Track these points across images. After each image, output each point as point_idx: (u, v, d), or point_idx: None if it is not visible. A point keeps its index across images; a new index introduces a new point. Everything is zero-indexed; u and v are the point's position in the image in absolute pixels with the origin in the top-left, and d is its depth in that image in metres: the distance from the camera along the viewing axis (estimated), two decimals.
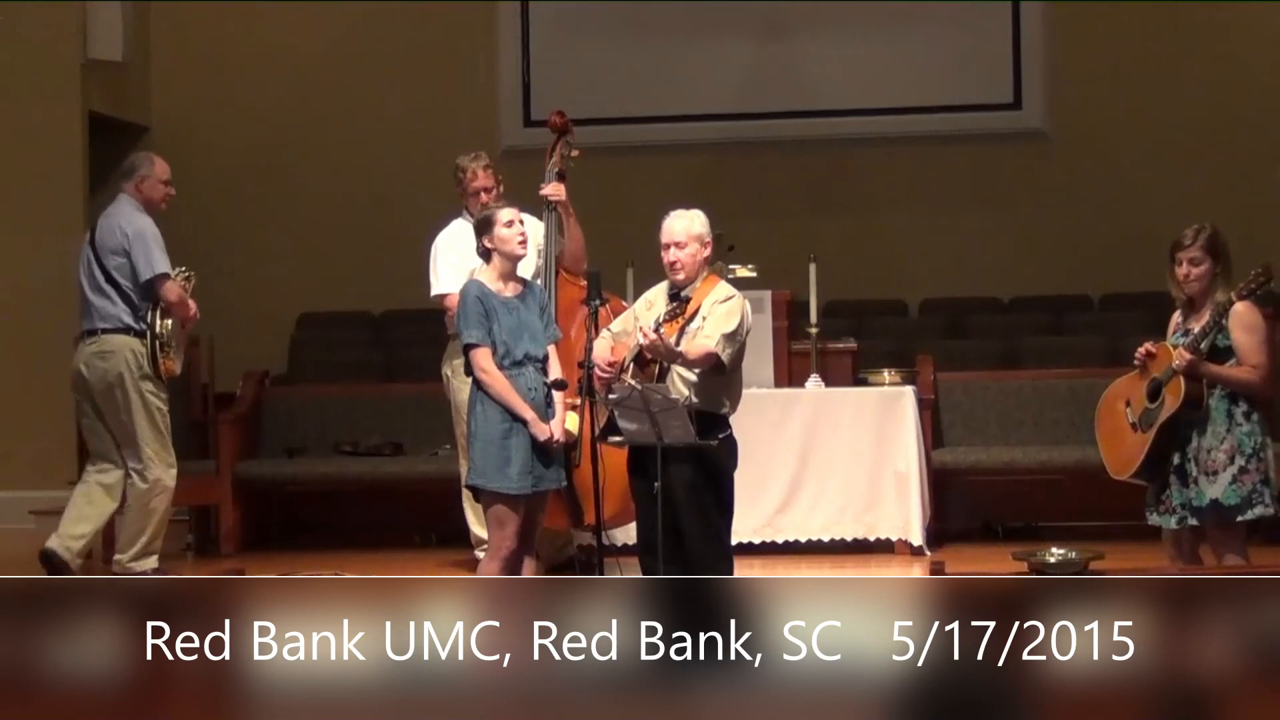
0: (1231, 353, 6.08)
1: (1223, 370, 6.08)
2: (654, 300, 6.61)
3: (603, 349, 6.57)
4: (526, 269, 6.78)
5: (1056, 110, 11.91)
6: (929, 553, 8.59)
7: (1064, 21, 11.85)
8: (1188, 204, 10.38)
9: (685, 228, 6.52)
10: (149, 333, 8.03)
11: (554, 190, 7.89)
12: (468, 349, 6.42)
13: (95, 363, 8.04)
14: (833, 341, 9.35)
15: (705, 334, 6.38)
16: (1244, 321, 6.07)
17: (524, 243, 6.53)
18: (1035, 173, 11.93)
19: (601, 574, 6.53)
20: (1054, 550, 5.71)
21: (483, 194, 7.98)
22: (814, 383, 8.94)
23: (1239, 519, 6.05)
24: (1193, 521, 6.12)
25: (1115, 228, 11.43)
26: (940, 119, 11.92)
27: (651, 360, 6.42)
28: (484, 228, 6.51)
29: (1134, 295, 10.89)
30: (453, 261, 7.90)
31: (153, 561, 8.15)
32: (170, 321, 8.06)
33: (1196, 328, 6.12)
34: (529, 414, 6.34)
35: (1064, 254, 11.73)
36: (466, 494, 7.76)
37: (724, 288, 6.56)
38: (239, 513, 9.35)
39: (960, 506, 9.47)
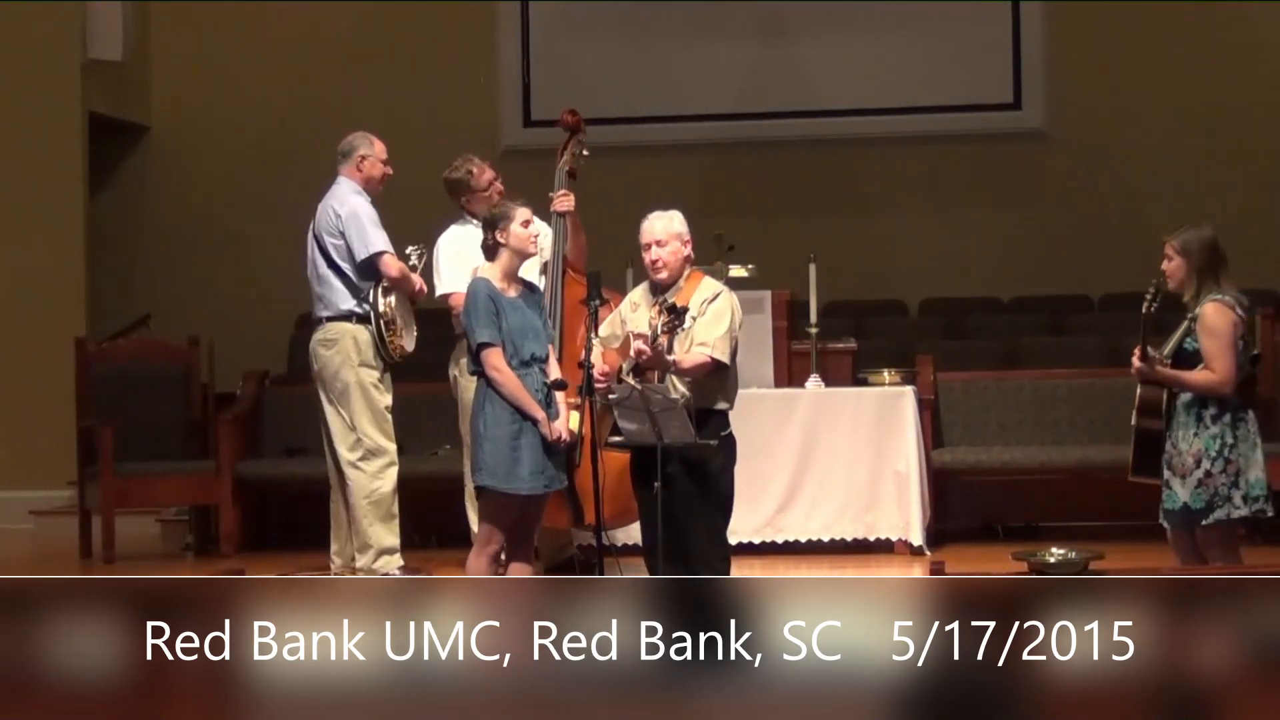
0: (1200, 356, 6.11)
1: (1179, 375, 6.11)
2: (638, 302, 6.54)
3: (594, 357, 6.50)
4: (529, 270, 6.76)
5: (1056, 110, 11.91)
6: (929, 553, 8.58)
7: (1064, 21, 11.85)
8: (1188, 204, 10.39)
9: (665, 226, 6.46)
10: (373, 313, 7.88)
11: (563, 204, 7.88)
12: (480, 348, 6.35)
13: (319, 351, 7.92)
14: (833, 341, 9.33)
15: (698, 341, 6.33)
16: (1208, 325, 6.10)
17: (535, 243, 6.55)
18: (1035, 173, 11.93)
19: (601, 574, 6.51)
20: (1054, 550, 5.70)
21: (495, 185, 7.98)
22: (814, 383, 8.93)
23: (1203, 523, 6.07)
24: (1164, 524, 6.16)
25: (1115, 228, 11.43)
26: (940, 119, 11.93)
27: (649, 368, 6.38)
28: (498, 222, 6.43)
29: (1134, 295, 10.75)
30: (456, 261, 7.89)
31: (395, 560, 7.93)
32: (394, 299, 7.89)
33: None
34: (540, 413, 6.31)
35: (1064, 254, 11.73)
36: (468, 494, 7.75)
37: (710, 284, 6.50)
38: (239, 513, 9.34)
39: (960, 506, 9.46)
